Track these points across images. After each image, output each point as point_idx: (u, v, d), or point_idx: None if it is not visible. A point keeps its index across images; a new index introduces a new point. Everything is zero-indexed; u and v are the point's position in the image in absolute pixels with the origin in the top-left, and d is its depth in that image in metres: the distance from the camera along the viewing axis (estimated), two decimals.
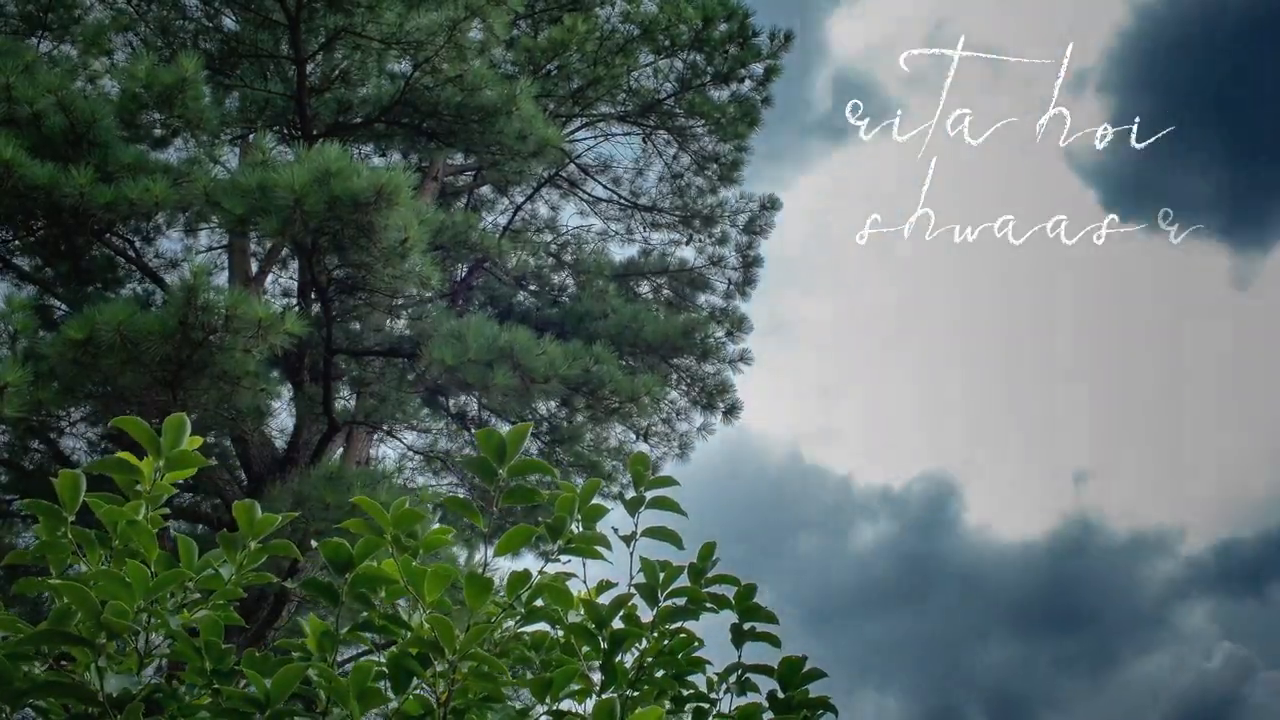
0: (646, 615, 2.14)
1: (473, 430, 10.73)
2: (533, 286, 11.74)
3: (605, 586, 2.12)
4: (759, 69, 11.28)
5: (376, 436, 9.75)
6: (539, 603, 1.99)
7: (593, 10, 10.91)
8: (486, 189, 12.46)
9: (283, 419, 8.98)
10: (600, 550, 2.05)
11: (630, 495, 2.17)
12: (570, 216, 13.18)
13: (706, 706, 2.18)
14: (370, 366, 9.21)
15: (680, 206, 12.45)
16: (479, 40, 8.58)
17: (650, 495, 2.15)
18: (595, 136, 12.42)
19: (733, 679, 2.18)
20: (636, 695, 2.06)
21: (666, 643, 2.13)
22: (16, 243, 8.12)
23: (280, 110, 8.90)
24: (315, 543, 1.90)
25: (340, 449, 8.94)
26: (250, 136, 9.10)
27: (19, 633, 1.69)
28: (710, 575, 2.18)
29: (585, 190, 12.72)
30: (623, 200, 12.63)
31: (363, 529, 1.90)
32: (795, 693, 2.15)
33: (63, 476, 1.82)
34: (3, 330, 6.68)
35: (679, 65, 11.35)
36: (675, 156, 12.30)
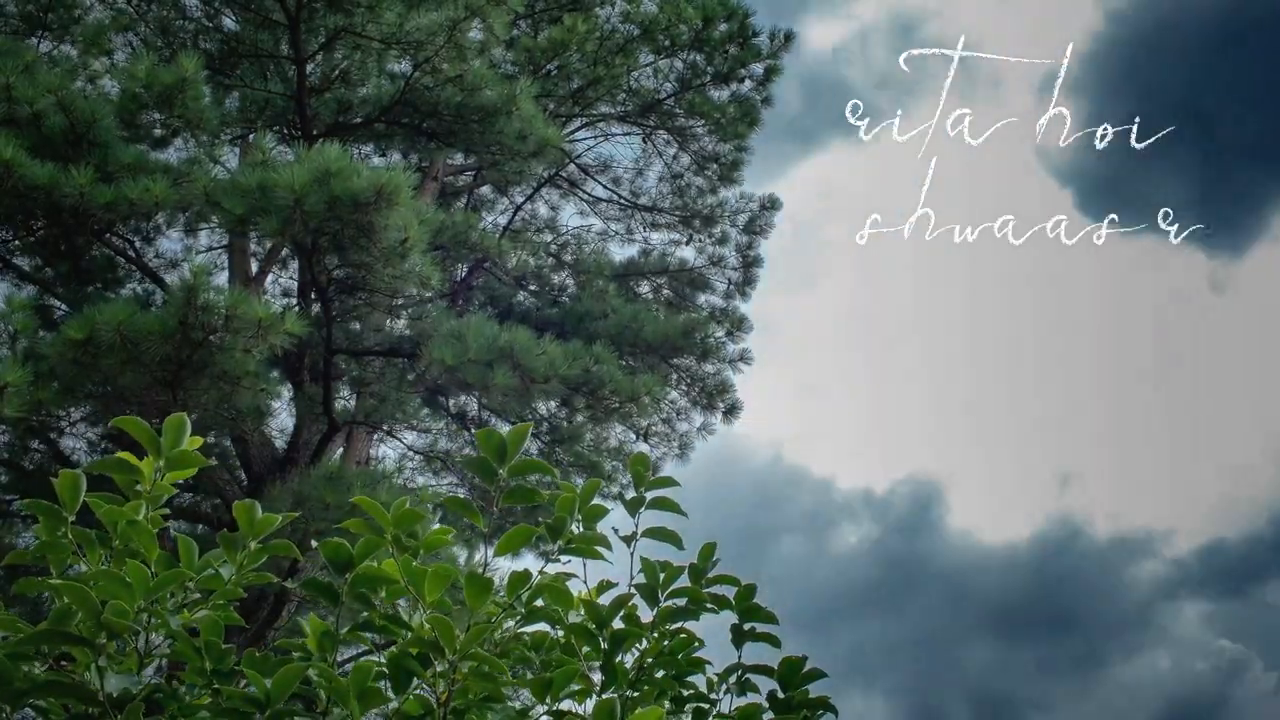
0: (647, 615, 2.14)
1: (473, 430, 10.73)
2: (533, 286, 11.74)
3: (605, 587, 2.12)
4: (759, 69, 11.29)
5: (376, 436, 9.75)
6: (539, 603, 1.99)
7: (593, 10, 10.91)
8: (486, 189, 12.46)
9: (283, 419, 8.99)
10: (600, 550, 2.05)
11: (630, 495, 2.18)
12: (570, 216, 13.18)
13: (706, 707, 2.18)
14: (370, 366, 9.21)
15: (680, 206, 12.45)
16: (479, 40, 8.58)
17: (650, 496, 2.16)
18: (595, 136, 12.43)
19: (733, 679, 2.18)
20: (636, 695, 2.06)
21: (667, 643, 2.13)
22: (16, 243, 8.13)
23: (280, 110, 8.90)
24: (315, 543, 1.90)
25: (340, 449, 8.94)
26: (250, 136, 9.10)
27: (19, 632, 1.69)
28: (710, 576, 2.18)
29: (585, 190, 12.73)
30: (623, 200, 12.63)
31: (363, 529, 1.90)
32: (795, 693, 2.15)
33: (63, 476, 1.82)
34: (3, 330, 6.68)
35: (679, 65, 11.36)
36: (675, 156, 12.31)
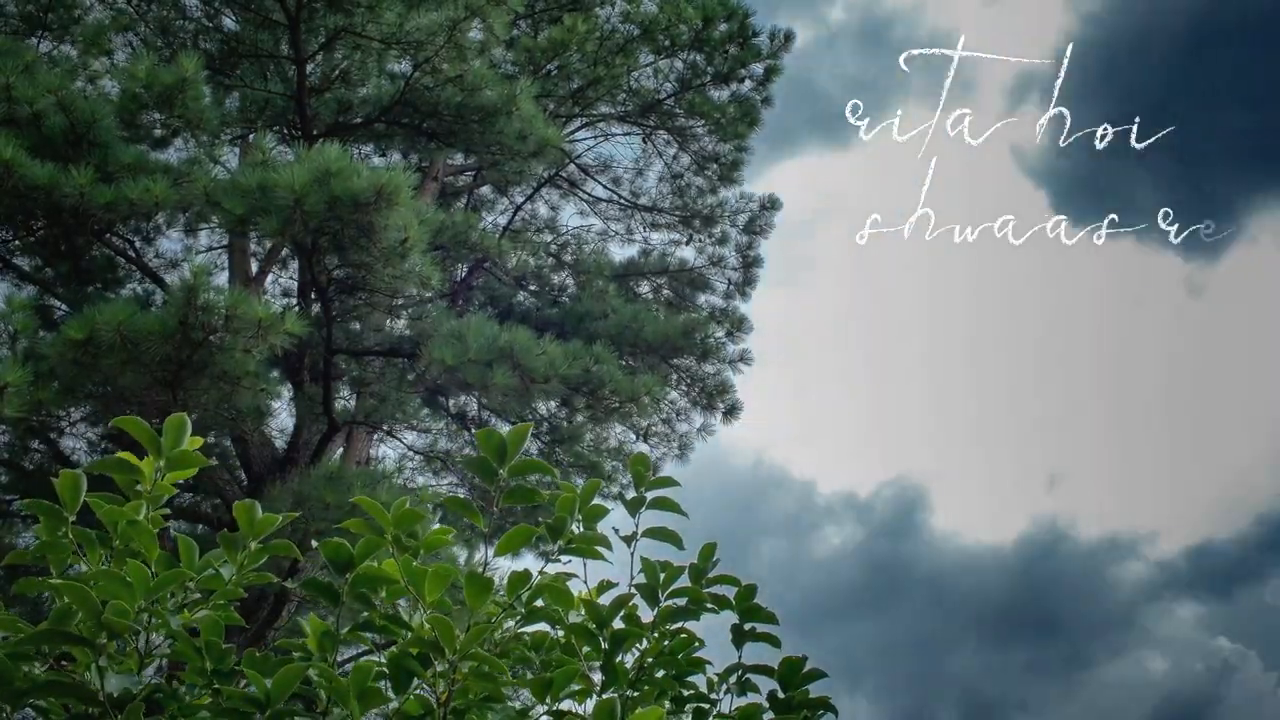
0: (647, 615, 2.14)
1: (473, 430, 10.73)
2: (533, 286, 11.74)
3: (606, 586, 2.12)
4: (759, 69, 11.29)
5: (376, 436, 9.75)
6: (539, 603, 1.99)
7: (593, 10, 10.91)
8: (486, 189, 12.46)
9: (283, 419, 8.99)
10: (600, 550, 2.05)
11: (630, 495, 2.18)
12: (570, 216, 13.19)
13: (707, 707, 2.18)
14: (370, 366, 9.21)
15: (680, 206, 12.45)
16: (479, 40, 8.58)
17: (651, 496, 2.16)
18: (595, 136, 12.43)
19: (733, 679, 2.18)
20: (637, 695, 2.06)
21: (667, 643, 2.13)
22: (16, 243, 8.12)
23: (280, 110, 8.90)
24: (315, 543, 1.90)
25: (340, 449, 8.93)
26: (250, 136, 9.10)
27: (19, 632, 1.69)
28: (711, 576, 2.18)
29: (585, 190, 12.73)
30: (623, 200, 12.63)
31: (363, 529, 1.90)
32: (795, 693, 2.15)
33: (63, 476, 1.82)
34: (3, 330, 6.68)
35: (679, 65, 11.36)
36: (675, 156, 12.31)
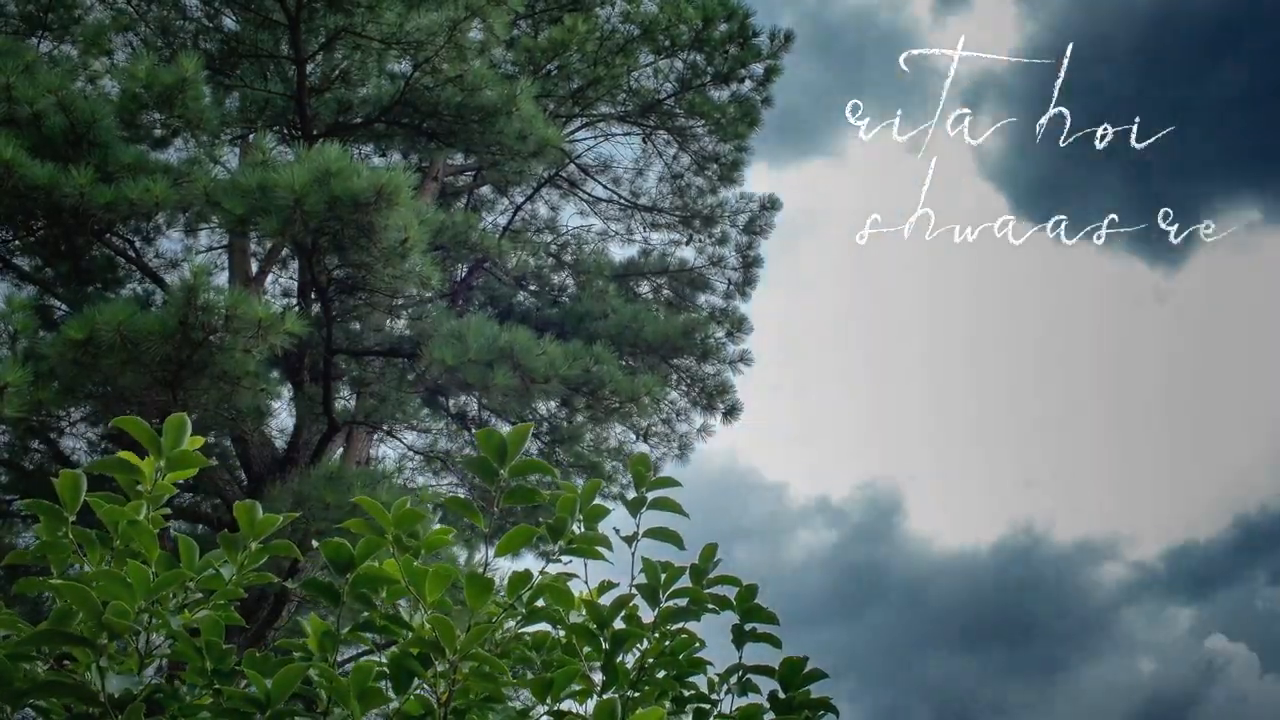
0: (648, 616, 2.14)
1: (473, 430, 10.73)
2: (533, 286, 11.74)
3: (607, 587, 2.12)
4: (759, 69, 11.29)
5: (376, 436, 9.74)
6: (540, 603, 1.99)
7: (593, 10, 10.91)
8: (486, 189, 12.46)
9: (283, 419, 8.99)
10: (601, 551, 2.05)
11: (630, 495, 2.18)
12: (570, 216, 13.18)
13: (707, 707, 2.18)
14: (370, 366, 9.21)
15: (680, 206, 12.45)
16: (479, 40, 8.58)
17: (652, 496, 2.15)
18: (595, 136, 12.43)
19: (734, 680, 2.18)
20: (637, 696, 2.06)
21: (668, 643, 2.13)
22: (16, 243, 8.12)
23: (280, 110, 8.90)
24: (316, 543, 1.90)
25: (340, 449, 8.93)
26: (250, 136, 9.10)
27: (20, 632, 1.69)
28: (712, 576, 2.18)
29: (585, 190, 12.73)
30: (623, 200, 12.63)
31: (364, 529, 1.90)
32: (796, 693, 2.15)
33: (64, 476, 1.81)
34: (3, 330, 6.68)
35: (679, 65, 11.35)
36: (675, 157, 12.31)
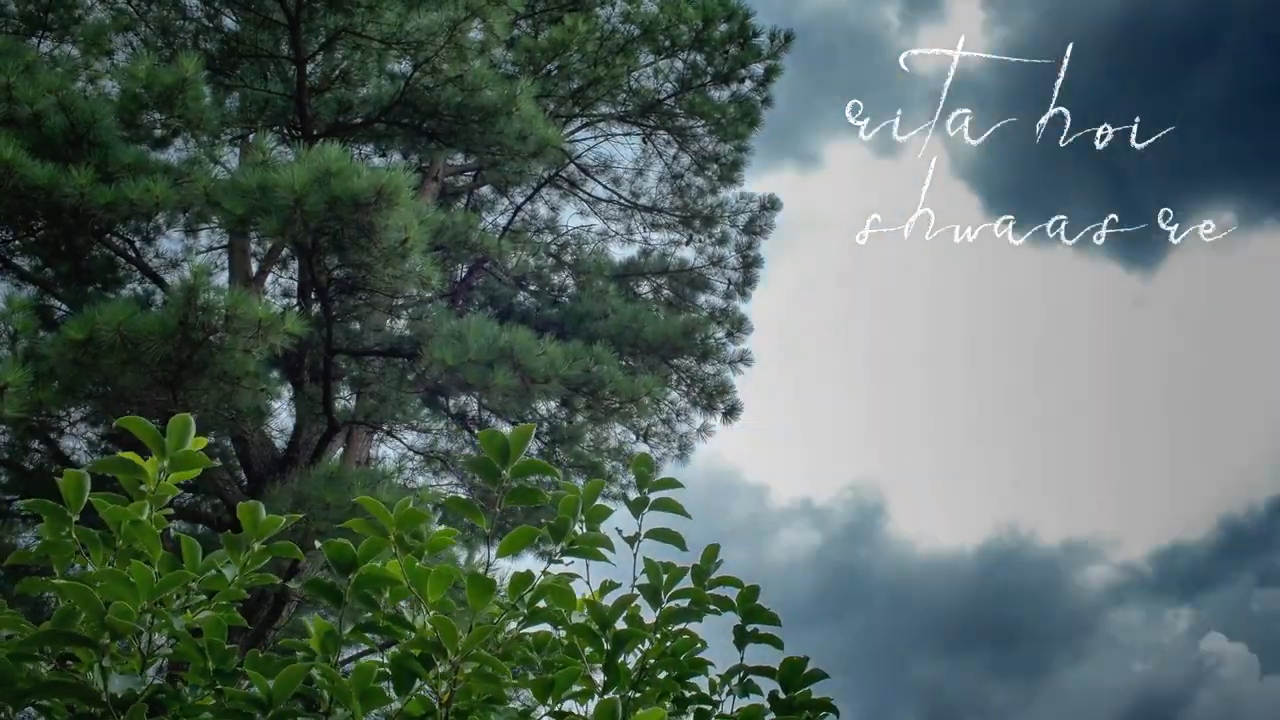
0: (649, 616, 2.14)
1: (473, 430, 10.73)
2: (533, 286, 11.74)
3: (609, 587, 2.12)
4: (759, 69, 11.29)
5: (376, 436, 9.74)
6: (542, 604, 1.99)
7: (593, 10, 10.91)
8: (486, 189, 12.46)
9: (283, 419, 8.99)
10: (603, 551, 2.05)
11: (631, 495, 2.18)
12: (570, 217, 13.19)
13: (709, 708, 2.19)
14: (370, 366, 9.21)
15: (680, 207, 12.45)
16: (479, 40, 8.58)
17: (654, 497, 2.16)
18: (595, 136, 12.42)
19: (735, 680, 2.18)
20: (639, 696, 2.06)
21: (669, 644, 2.13)
22: (16, 243, 8.12)
23: (280, 110, 8.89)
24: (318, 543, 1.90)
25: (340, 449, 8.93)
26: (250, 136, 9.10)
27: (23, 632, 1.69)
28: (713, 577, 2.18)
29: (585, 190, 12.73)
30: (623, 200, 12.63)
31: (365, 529, 1.90)
32: (797, 694, 2.15)
33: (68, 476, 1.81)
34: (3, 330, 6.68)
35: (679, 65, 11.35)
36: (675, 157, 12.31)
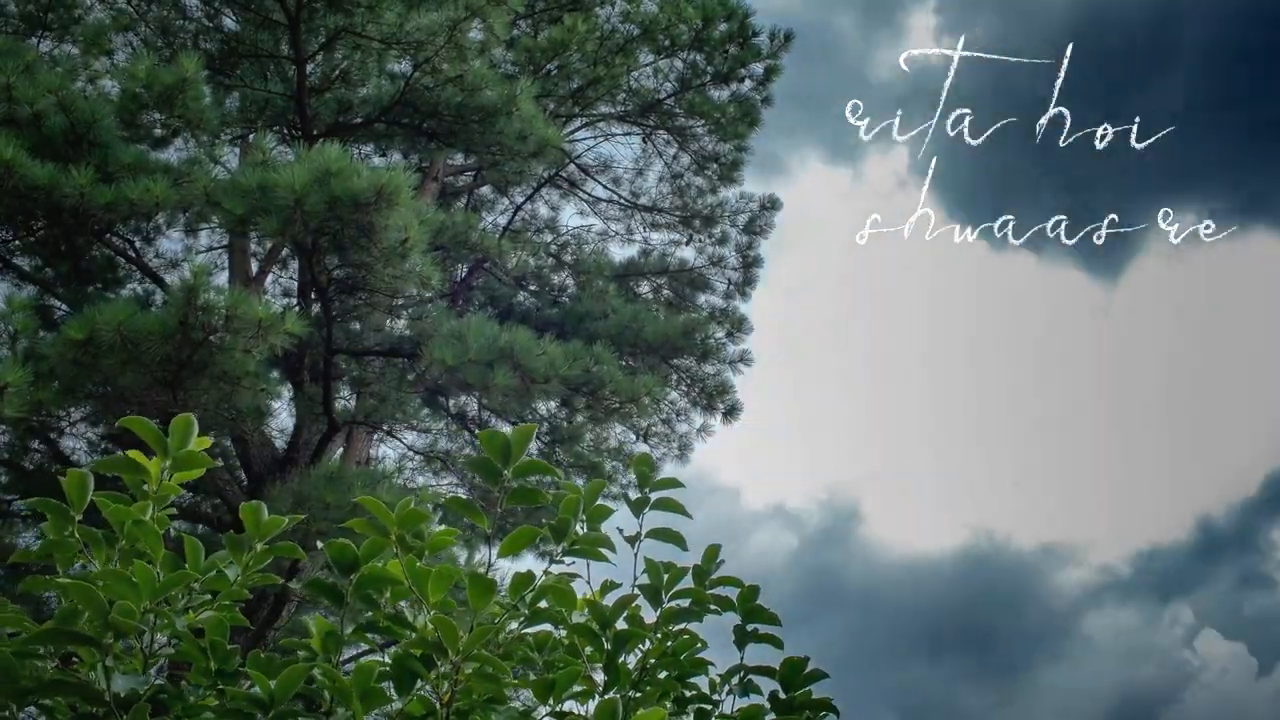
0: (650, 616, 2.15)
1: (473, 430, 10.73)
2: (533, 287, 11.74)
3: (610, 587, 2.12)
4: (759, 69, 11.29)
5: (376, 436, 9.75)
6: (543, 604, 1.99)
7: (593, 10, 10.91)
8: (486, 189, 12.46)
9: (283, 419, 8.99)
10: (604, 551, 2.06)
11: (631, 495, 2.18)
12: (570, 217, 13.20)
13: (709, 708, 2.19)
14: (370, 366, 9.21)
15: (680, 206, 12.45)
16: (479, 40, 8.58)
17: (655, 496, 2.16)
18: (595, 136, 12.43)
19: (735, 680, 2.19)
20: (639, 696, 2.06)
21: (669, 644, 2.13)
22: (16, 243, 8.12)
23: (280, 110, 8.89)
24: (319, 543, 1.91)
25: (340, 449, 8.93)
26: (250, 136, 9.10)
27: (26, 631, 1.70)
28: (714, 577, 2.19)
29: (585, 190, 12.73)
30: (623, 200, 12.63)
31: (366, 529, 1.91)
32: (797, 694, 2.15)
33: (71, 475, 1.82)
34: (3, 330, 6.68)
35: (679, 65, 11.36)
36: (675, 156, 12.31)
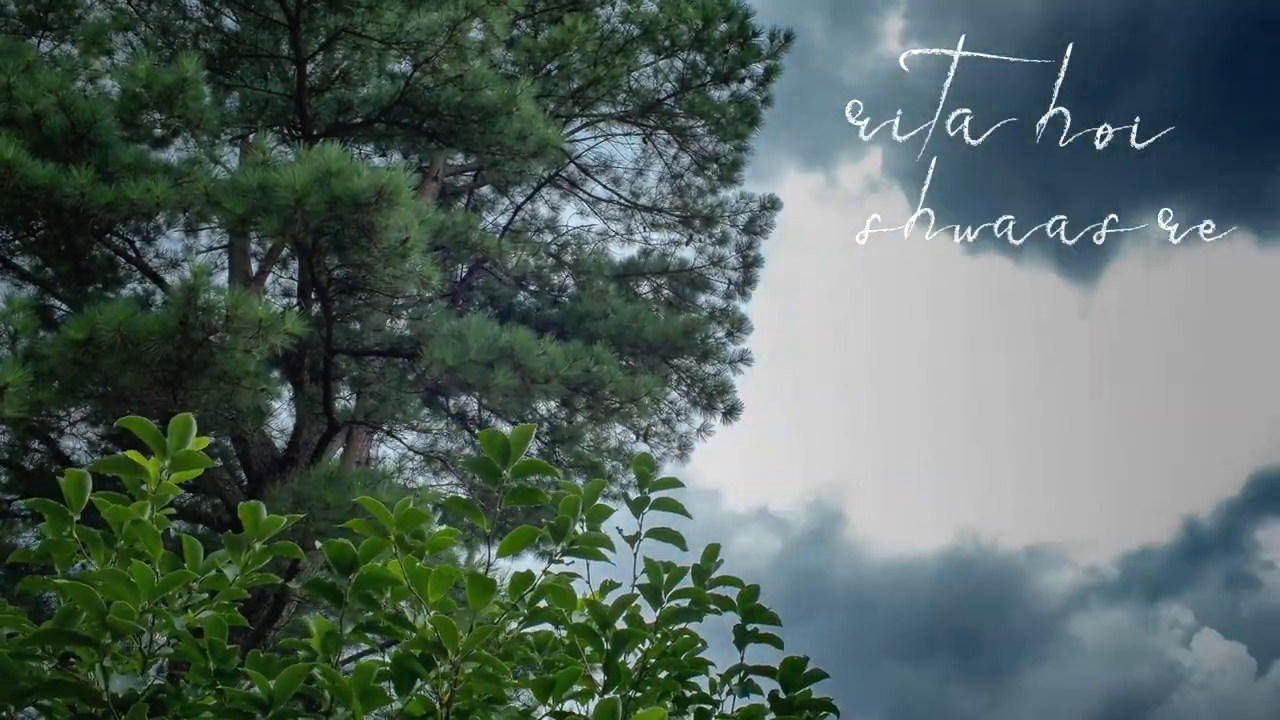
0: (650, 616, 2.14)
1: (473, 430, 10.73)
2: (533, 286, 11.74)
3: (609, 587, 2.12)
4: (759, 69, 11.29)
5: (376, 436, 9.74)
6: (542, 604, 1.99)
7: (593, 10, 10.91)
8: (486, 189, 12.46)
9: (283, 419, 8.99)
10: (603, 551, 2.06)
11: (631, 495, 2.18)
12: (570, 216, 13.20)
13: (709, 708, 2.19)
14: (370, 366, 9.21)
15: (680, 206, 12.45)
16: (479, 40, 8.58)
17: (655, 496, 2.16)
18: (595, 136, 12.43)
19: (735, 680, 2.19)
20: (639, 696, 2.06)
21: (669, 644, 2.13)
22: (17, 243, 8.12)
23: (280, 110, 8.89)
24: (319, 543, 1.90)
25: (340, 449, 8.93)
26: (250, 136, 9.10)
27: (24, 631, 1.69)
28: (714, 577, 2.19)
29: (585, 190, 12.73)
30: (623, 200, 12.63)
31: (366, 529, 1.90)
32: (797, 694, 2.15)
33: (69, 476, 1.82)
34: (3, 330, 6.67)
35: (679, 65, 11.36)
36: (675, 156, 12.31)
